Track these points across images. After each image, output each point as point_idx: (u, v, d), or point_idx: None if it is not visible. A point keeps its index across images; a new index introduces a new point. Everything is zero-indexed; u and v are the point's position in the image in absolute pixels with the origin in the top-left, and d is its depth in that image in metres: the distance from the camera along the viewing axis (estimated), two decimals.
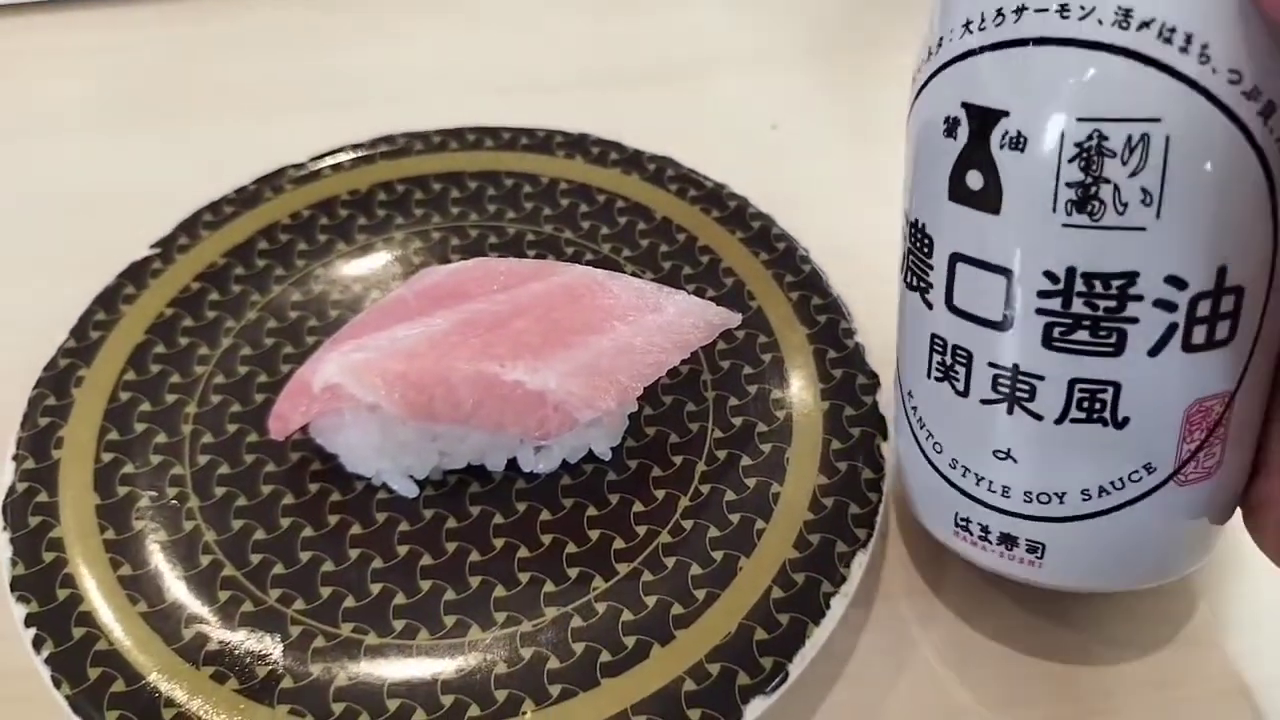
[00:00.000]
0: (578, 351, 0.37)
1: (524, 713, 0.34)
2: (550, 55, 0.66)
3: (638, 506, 0.39)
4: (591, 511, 0.39)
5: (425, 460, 0.39)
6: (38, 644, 0.35)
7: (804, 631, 0.35)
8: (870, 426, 0.41)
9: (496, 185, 0.52)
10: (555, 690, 0.34)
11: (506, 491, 0.40)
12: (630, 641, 0.35)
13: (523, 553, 0.38)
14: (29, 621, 0.35)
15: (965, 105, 0.30)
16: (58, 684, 0.34)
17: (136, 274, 0.46)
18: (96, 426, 0.41)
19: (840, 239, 0.48)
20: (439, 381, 0.36)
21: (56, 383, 0.42)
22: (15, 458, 0.39)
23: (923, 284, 0.33)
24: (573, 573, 0.37)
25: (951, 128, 0.30)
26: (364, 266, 0.48)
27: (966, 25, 0.30)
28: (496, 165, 0.52)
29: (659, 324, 0.39)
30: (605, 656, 0.35)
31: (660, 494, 0.40)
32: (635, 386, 0.37)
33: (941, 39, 0.31)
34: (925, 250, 0.32)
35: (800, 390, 0.42)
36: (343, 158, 0.52)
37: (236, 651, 0.35)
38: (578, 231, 0.50)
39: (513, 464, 0.41)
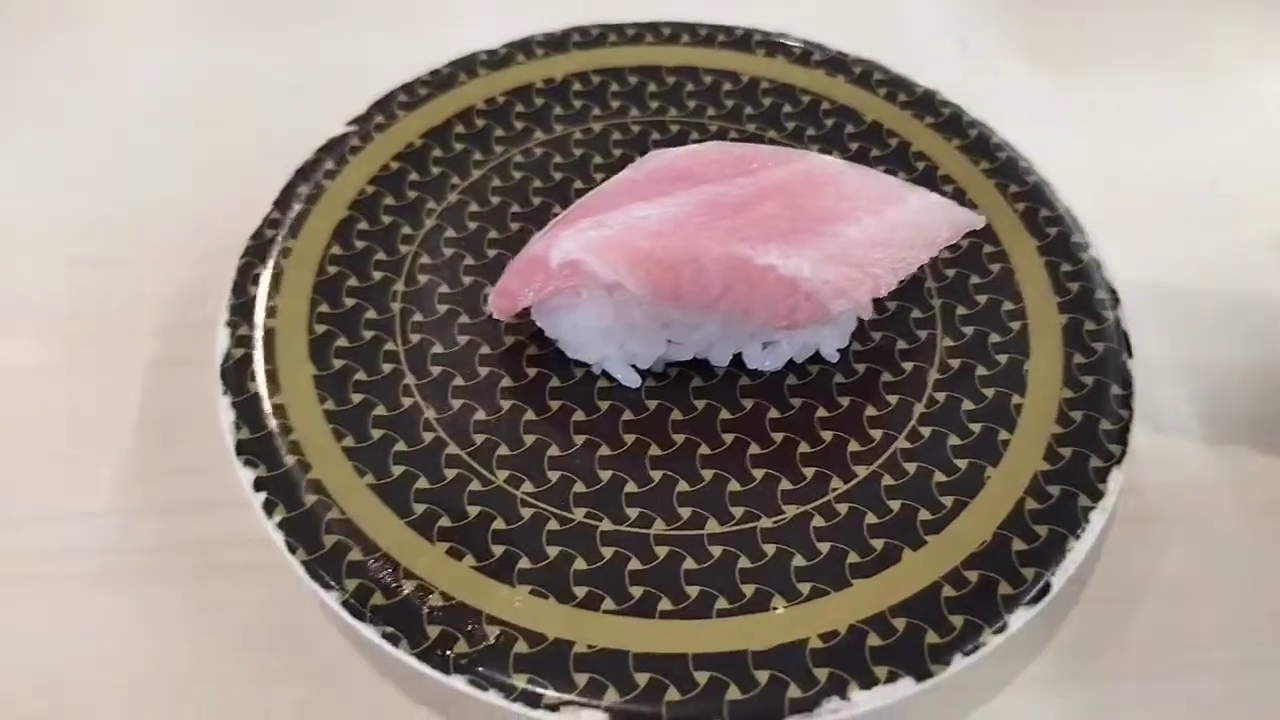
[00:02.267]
0: (828, 240, 0.35)
1: (774, 608, 0.32)
2: None
3: (870, 410, 0.38)
4: (822, 412, 0.38)
5: (652, 348, 0.38)
6: (269, 508, 0.33)
7: (1064, 544, 0.33)
8: (1114, 342, 0.39)
9: (695, 81, 0.50)
10: (805, 588, 0.33)
11: (730, 387, 0.38)
12: (878, 544, 0.34)
13: (754, 449, 0.37)
14: (259, 485, 0.34)
15: None
16: (292, 549, 0.33)
17: (335, 149, 0.45)
18: (307, 299, 0.40)
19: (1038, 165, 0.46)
20: (688, 261, 0.34)
21: (264, 252, 0.41)
22: (229, 324, 0.38)
23: None
24: (808, 472, 0.36)
25: None
26: (563, 155, 0.46)
27: None
28: (695, 61, 0.50)
29: (904, 219, 0.37)
30: (853, 557, 0.33)
31: (893, 399, 0.38)
32: (890, 280, 0.36)
33: None
34: None
35: (1035, 303, 0.40)
36: (534, 46, 0.50)
37: (470, 529, 0.34)
38: (782, 132, 0.48)
39: (736, 360, 0.39)
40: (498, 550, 0.33)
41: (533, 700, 0.30)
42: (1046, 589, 0.32)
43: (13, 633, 0.34)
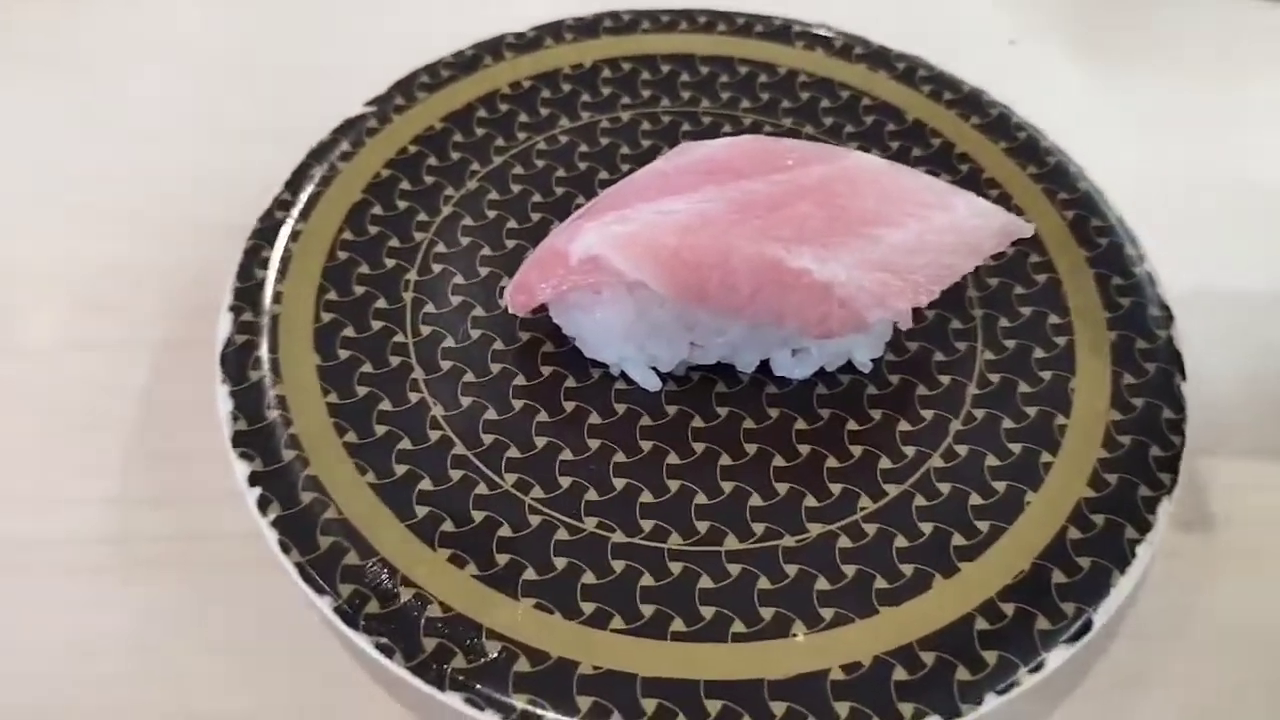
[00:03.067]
0: (868, 244, 0.33)
1: (794, 635, 0.30)
2: None
3: (904, 425, 0.36)
4: (852, 425, 0.36)
5: (675, 351, 0.36)
6: (263, 505, 0.32)
7: (1108, 578, 0.31)
8: (1167, 362, 0.36)
9: (730, 72, 0.47)
10: (828, 614, 0.31)
11: (756, 395, 0.36)
12: (908, 570, 0.32)
13: (778, 462, 0.35)
14: (254, 480, 0.32)
15: None
16: (286, 549, 0.31)
17: (352, 130, 0.43)
18: (315, 285, 0.38)
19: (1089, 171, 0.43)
20: (717, 262, 0.32)
21: (272, 236, 0.39)
22: (232, 309, 0.36)
23: None
24: (835, 489, 0.34)
25: None
26: (589, 144, 0.44)
27: None
28: (730, 50, 0.48)
29: (950, 223, 0.35)
30: (881, 583, 0.31)
31: (928, 415, 0.36)
32: (932, 289, 0.33)
33: None
34: None
35: (1083, 317, 0.38)
36: (564, 29, 0.48)
37: (474, 536, 0.32)
38: (820, 128, 0.45)
39: (762, 366, 0.37)
40: (502, 559, 0.31)
41: None
42: (1088, 626, 0.30)
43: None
